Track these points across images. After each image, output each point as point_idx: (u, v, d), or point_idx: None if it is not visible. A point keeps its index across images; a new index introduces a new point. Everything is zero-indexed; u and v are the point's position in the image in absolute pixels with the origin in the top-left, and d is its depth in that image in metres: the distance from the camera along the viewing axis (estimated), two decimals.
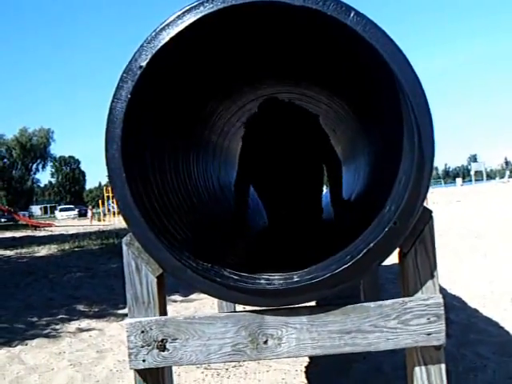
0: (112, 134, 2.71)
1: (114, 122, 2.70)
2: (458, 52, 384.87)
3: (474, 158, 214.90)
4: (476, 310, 7.18)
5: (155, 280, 2.87)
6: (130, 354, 2.82)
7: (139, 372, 2.87)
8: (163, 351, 2.79)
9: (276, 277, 3.07)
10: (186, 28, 2.65)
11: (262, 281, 2.95)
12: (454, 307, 7.15)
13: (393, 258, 2.87)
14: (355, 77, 3.53)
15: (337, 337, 2.77)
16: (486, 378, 4.78)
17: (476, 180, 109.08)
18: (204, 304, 9.05)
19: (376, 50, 2.57)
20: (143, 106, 2.88)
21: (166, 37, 2.66)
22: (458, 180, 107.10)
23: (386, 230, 2.71)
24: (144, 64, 2.68)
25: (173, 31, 2.66)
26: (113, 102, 2.70)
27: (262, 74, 4.17)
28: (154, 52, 2.67)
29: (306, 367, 5.45)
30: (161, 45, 2.67)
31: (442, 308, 2.78)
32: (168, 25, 2.67)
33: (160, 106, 3.18)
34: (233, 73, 3.75)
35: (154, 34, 2.68)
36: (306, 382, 5.08)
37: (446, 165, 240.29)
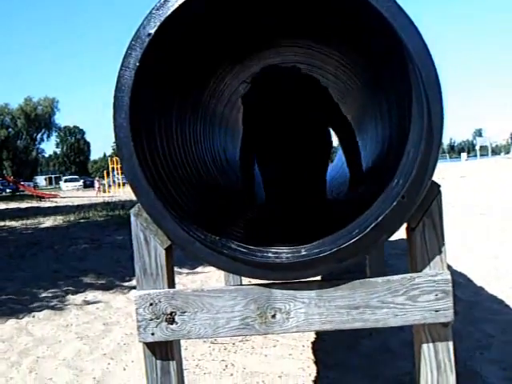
0: (120, 103, 2.68)
1: (122, 91, 2.67)
2: (462, 21, 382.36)
3: (479, 133, 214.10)
4: (481, 288, 7.18)
5: (163, 252, 2.85)
6: (138, 327, 2.81)
7: (148, 345, 2.87)
8: (172, 324, 2.79)
9: (284, 250, 3.06)
10: None
11: (270, 254, 2.93)
12: (460, 284, 7.14)
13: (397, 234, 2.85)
14: (364, 46, 3.50)
15: (345, 312, 2.76)
16: (492, 355, 4.78)
17: (481, 155, 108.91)
18: (210, 277, 9.08)
19: (385, 18, 2.55)
20: (151, 75, 2.85)
21: (174, 3, 2.64)
22: (463, 155, 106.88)
23: (394, 204, 2.69)
24: (153, 31, 2.64)
25: None
26: (121, 69, 2.66)
27: (270, 39, 4.11)
28: (162, 19, 2.64)
29: (312, 343, 5.46)
30: (170, 12, 2.64)
31: (450, 284, 2.75)
32: None
33: (168, 75, 3.15)
34: (240, 38, 3.70)
35: (162, 1, 2.64)
36: (312, 357, 5.09)
37: (451, 139, 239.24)
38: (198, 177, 3.84)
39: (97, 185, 59.96)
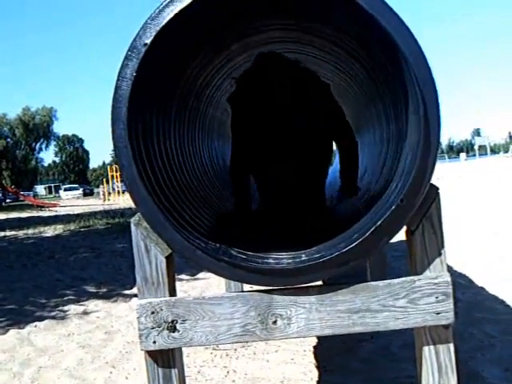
0: (118, 113, 2.70)
1: (119, 101, 2.69)
2: (461, 21, 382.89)
3: (477, 132, 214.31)
4: (482, 288, 7.18)
5: (164, 260, 2.86)
6: (140, 336, 2.82)
7: (150, 353, 2.88)
8: (173, 332, 2.80)
9: (284, 256, 3.07)
10: (190, 4, 2.64)
11: (271, 260, 2.94)
12: (460, 285, 7.14)
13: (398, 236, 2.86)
14: (359, 48, 3.51)
15: (346, 316, 2.77)
16: (493, 356, 4.78)
17: (480, 154, 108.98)
18: (211, 283, 9.07)
19: (378, 22, 2.56)
20: (148, 84, 2.87)
21: (170, 13, 2.66)
22: (462, 155, 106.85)
23: (393, 207, 2.71)
24: (149, 41, 2.66)
25: (177, 8, 2.65)
26: (118, 80, 2.68)
27: (263, 44, 4.08)
28: (158, 29, 2.66)
29: (314, 347, 5.46)
30: (165, 21, 2.66)
31: (451, 286, 2.77)
32: (172, 1, 2.66)
33: (164, 83, 3.17)
34: (234, 45, 3.70)
35: (157, 10, 2.66)
36: (314, 361, 5.09)
37: (449, 139, 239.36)
38: (197, 182, 3.85)
39: (101, 192, 59.90)
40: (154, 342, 2.82)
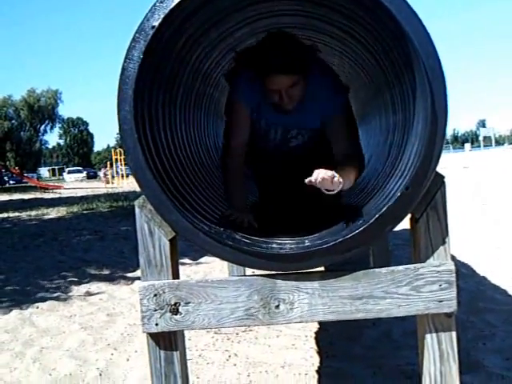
0: (124, 95, 2.70)
1: (126, 83, 2.69)
2: (469, 12, 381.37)
3: (482, 123, 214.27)
4: (484, 278, 7.18)
5: (168, 243, 2.86)
6: (142, 318, 2.83)
7: (152, 336, 2.88)
8: (176, 315, 2.80)
9: (288, 241, 3.07)
10: None
11: (274, 245, 2.95)
12: (462, 274, 7.14)
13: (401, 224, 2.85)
14: (368, 36, 3.49)
15: (348, 302, 2.77)
16: (494, 346, 4.78)
17: (485, 146, 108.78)
18: (213, 267, 9.09)
19: (389, 11, 2.56)
20: (155, 67, 2.87)
21: None
22: (467, 145, 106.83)
23: (398, 195, 2.71)
24: (157, 24, 2.66)
25: None
26: (125, 62, 2.68)
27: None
28: (166, 11, 2.66)
29: (315, 333, 5.47)
30: (174, 4, 2.65)
31: (454, 275, 2.77)
32: None
33: (171, 66, 3.16)
34: (241, 29, 3.68)
35: None
36: (315, 347, 5.10)
37: (454, 129, 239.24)
38: (202, 166, 3.85)
39: (102, 175, 59.69)
40: (157, 325, 2.82)
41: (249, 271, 5.74)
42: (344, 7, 3.13)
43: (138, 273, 8.88)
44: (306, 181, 2.77)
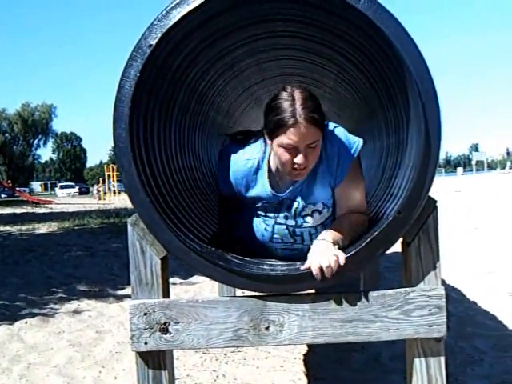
0: (120, 113, 2.71)
1: (122, 101, 2.70)
2: (461, 39, 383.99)
3: (475, 148, 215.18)
4: (474, 303, 7.19)
5: (159, 262, 2.86)
6: (132, 336, 2.81)
7: (141, 354, 2.87)
8: (165, 334, 2.79)
9: (279, 263, 3.08)
10: (197, 7, 2.66)
11: (266, 266, 2.95)
12: (452, 299, 7.14)
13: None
14: (363, 61, 3.52)
15: (338, 325, 2.77)
16: (483, 372, 4.78)
17: (477, 170, 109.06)
18: (203, 287, 9.06)
19: (385, 35, 2.58)
20: (151, 85, 2.88)
21: (176, 15, 2.67)
22: (459, 169, 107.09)
23: (390, 219, 2.72)
24: (154, 42, 2.68)
25: (183, 10, 2.66)
26: (121, 80, 2.70)
27: (268, 50, 4.06)
28: (164, 30, 2.68)
29: (304, 355, 5.46)
30: (171, 23, 2.67)
31: (444, 300, 2.77)
32: (178, 3, 2.67)
33: (167, 85, 3.17)
34: (237, 46, 3.70)
35: (164, 12, 2.68)
36: (304, 369, 5.09)
37: (447, 153, 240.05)
38: (196, 187, 3.85)
39: (95, 191, 59.56)
40: (146, 343, 2.81)
41: (239, 291, 5.73)
42: (343, 31, 3.15)
43: (127, 290, 8.86)
44: (302, 268, 2.73)
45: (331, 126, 3.09)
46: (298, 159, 2.83)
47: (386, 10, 2.59)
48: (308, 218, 3.12)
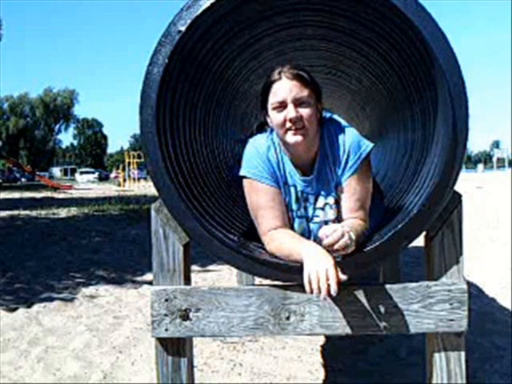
0: (147, 98, 2.72)
1: (149, 86, 2.71)
2: (486, 31, 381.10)
3: (496, 144, 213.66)
4: (493, 299, 7.14)
5: (182, 248, 2.87)
6: (152, 322, 2.82)
7: (160, 341, 2.88)
8: (186, 321, 2.79)
9: None
10: None
11: None
12: (472, 295, 7.06)
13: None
14: (391, 53, 3.50)
15: (358, 317, 2.76)
16: (501, 368, 4.75)
17: (498, 167, 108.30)
18: (222, 275, 9.07)
19: (415, 26, 2.56)
20: (179, 71, 2.88)
21: (206, 2, 2.67)
22: (480, 166, 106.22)
23: (415, 212, 2.70)
24: (183, 29, 2.68)
25: None
26: (150, 65, 2.71)
27: (296, 39, 4.03)
28: (193, 17, 2.68)
29: (322, 346, 5.45)
30: (200, 10, 2.67)
31: (466, 295, 2.76)
32: None
33: (194, 72, 3.17)
34: (259, 34, 3.68)
35: None
36: (321, 360, 5.08)
37: (467, 149, 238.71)
38: (220, 175, 3.85)
39: (113, 174, 59.41)
40: (166, 330, 2.82)
41: (257, 280, 5.73)
42: (371, 21, 3.13)
43: (146, 277, 8.89)
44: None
45: (343, 123, 3.08)
46: (289, 113, 2.82)
47: (417, 2, 2.57)
48: (319, 212, 3.07)
